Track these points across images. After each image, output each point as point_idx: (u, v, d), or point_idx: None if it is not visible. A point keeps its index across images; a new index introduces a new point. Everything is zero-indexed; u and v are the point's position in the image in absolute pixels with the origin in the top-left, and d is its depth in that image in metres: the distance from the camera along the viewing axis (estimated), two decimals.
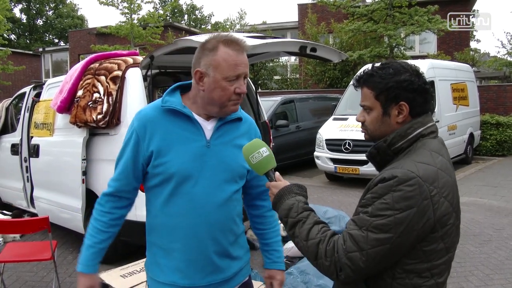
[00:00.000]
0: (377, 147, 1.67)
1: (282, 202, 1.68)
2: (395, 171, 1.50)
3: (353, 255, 1.46)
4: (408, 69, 1.64)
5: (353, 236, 1.49)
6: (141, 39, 20.52)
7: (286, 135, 11.26)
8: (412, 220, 1.45)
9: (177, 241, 1.89)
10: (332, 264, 1.50)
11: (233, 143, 1.96)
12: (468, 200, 8.24)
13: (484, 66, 23.03)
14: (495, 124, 13.65)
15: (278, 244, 2.18)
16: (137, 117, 1.92)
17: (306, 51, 4.55)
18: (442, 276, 1.59)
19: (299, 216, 1.61)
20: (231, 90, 1.82)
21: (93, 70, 5.11)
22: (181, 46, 4.27)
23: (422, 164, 1.52)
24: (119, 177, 1.95)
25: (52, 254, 4.16)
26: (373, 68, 1.68)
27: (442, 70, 11.00)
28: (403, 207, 1.44)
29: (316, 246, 1.53)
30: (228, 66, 1.79)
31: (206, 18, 46.33)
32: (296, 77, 23.48)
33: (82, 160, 4.97)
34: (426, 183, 1.48)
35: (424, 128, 1.63)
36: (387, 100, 1.62)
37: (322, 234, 1.55)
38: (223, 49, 1.80)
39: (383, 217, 1.45)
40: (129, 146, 1.91)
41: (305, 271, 4.15)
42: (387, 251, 1.46)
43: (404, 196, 1.45)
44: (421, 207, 1.46)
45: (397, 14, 15.80)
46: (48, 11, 46.83)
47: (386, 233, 1.45)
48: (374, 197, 1.49)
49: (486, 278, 4.71)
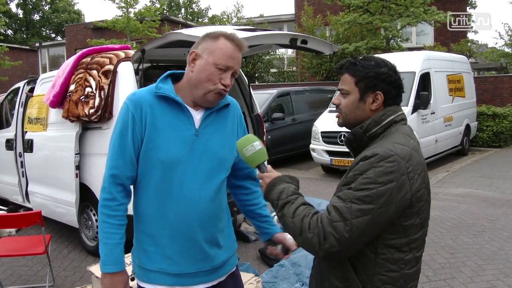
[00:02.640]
0: (353, 133, 1.80)
1: (274, 188, 1.77)
2: (376, 149, 1.63)
3: (337, 224, 1.56)
4: (388, 64, 1.80)
5: (337, 207, 1.59)
6: (138, 33, 20.45)
7: (282, 128, 11.24)
8: (392, 193, 1.57)
9: (166, 228, 1.91)
10: (315, 235, 1.58)
11: (221, 131, 2.01)
12: (463, 191, 8.28)
13: (481, 57, 22.99)
14: (492, 115, 13.65)
15: (268, 213, 2.26)
16: (131, 99, 1.92)
17: (296, 43, 4.54)
18: (419, 250, 1.74)
19: (289, 197, 1.72)
20: (217, 78, 1.87)
21: (85, 65, 5.11)
22: (172, 40, 4.26)
23: (398, 144, 1.67)
24: (122, 163, 1.90)
25: (45, 248, 4.18)
26: (356, 58, 1.82)
27: (438, 62, 10.97)
28: (385, 181, 1.57)
29: (301, 221, 1.63)
30: (223, 55, 1.87)
31: (203, 11, 46.08)
32: (292, 70, 23.44)
33: (75, 154, 4.98)
34: (403, 160, 1.62)
35: (396, 115, 1.79)
36: (365, 87, 1.77)
37: (307, 211, 1.66)
38: (224, 40, 1.89)
39: (366, 190, 1.57)
40: (128, 129, 1.88)
41: (297, 263, 4.17)
42: (369, 221, 1.56)
43: (385, 171, 1.58)
44: (400, 181, 1.59)
45: (393, 5, 15.76)
46: (44, 6, 46.61)
47: (368, 204, 1.56)
48: (357, 174, 1.61)
49: (478, 269, 4.73)
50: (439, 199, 7.71)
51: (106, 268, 1.90)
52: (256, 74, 21.98)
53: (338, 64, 1.86)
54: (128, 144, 1.88)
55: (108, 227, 1.90)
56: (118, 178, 1.90)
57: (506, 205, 7.25)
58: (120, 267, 1.91)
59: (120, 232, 1.92)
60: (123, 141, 1.89)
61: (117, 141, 1.91)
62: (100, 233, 1.92)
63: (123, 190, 1.93)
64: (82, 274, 4.84)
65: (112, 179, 1.90)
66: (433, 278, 4.53)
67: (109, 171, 1.91)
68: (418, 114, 9.72)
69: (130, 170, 1.91)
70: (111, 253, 1.90)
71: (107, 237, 1.90)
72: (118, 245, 1.91)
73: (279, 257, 2.19)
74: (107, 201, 1.91)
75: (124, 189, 1.94)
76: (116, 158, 1.90)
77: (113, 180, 1.90)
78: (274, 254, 2.18)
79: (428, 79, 10.33)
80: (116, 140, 1.91)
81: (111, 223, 1.90)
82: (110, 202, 1.90)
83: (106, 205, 1.91)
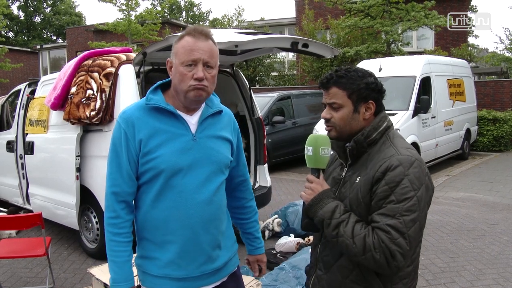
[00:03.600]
0: (356, 140, 1.83)
1: (322, 205, 1.79)
2: (398, 158, 1.71)
3: (399, 241, 1.63)
4: (372, 74, 1.87)
5: (392, 225, 1.64)
6: (139, 36, 20.47)
7: (282, 131, 11.26)
8: (424, 195, 1.69)
9: (171, 233, 1.93)
10: (382, 254, 1.64)
11: (217, 135, 2.03)
12: (463, 195, 8.28)
13: (481, 62, 23.02)
14: (492, 119, 13.66)
15: (258, 232, 2.36)
16: (122, 117, 1.94)
17: (298, 47, 4.56)
18: (417, 247, 1.83)
19: (342, 216, 1.74)
20: (189, 75, 1.86)
21: (86, 67, 5.12)
22: (173, 42, 4.27)
23: (409, 149, 1.78)
24: (121, 181, 1.92)
25: (45, 250, 4.19)
26: (340, 71, 1.85)
27: (438, 66, 10.99)
28: (419, 185, 1.68)
29: (363, 240, 1.67)
30: (184, 52, 1.86)
31: (204, 14, 46.19)
32: (293, 73, 23.46)
33: (76, 156, 4.99)
34: (422, 162, 1.74)
35: (388, 121, 1.88)
36: (358, 99, 1.82)
37: (364, 229, 1.70)
38: (186, 38, 1.89)
39: (409, 199, 1.65)
40: (122, 146, 1.91)
41: (297, 266, 4.17)
42: (417, 227, 1.67)
43: (416, 176, 1.68)
44: (426, 182, 1.72)
45: (394, 9, 15.78)
46: (45, 8, 46.69)
47: (415, 212, 1.66)
48: (392, 186, 1.67)
49: (478, 273, 4.73)
50: (440, 203, 7.71)
51: (117, 286, 1.92)
52: (257, 77, 22.00)
53: (323, 79, 1.87)
54: (124, 162, 1.90)
55: (115, 245, 1.93)
56: (119, 195, 1.92)
57: (506, 210, 7.25)
58: (131, 283, 1.94)
59: (128, 249, 1.95)
60: (119, 159, 1.91)
61: (113, 160, 1.93)
62: (108, 251, 1.94)
63: (127, 207, 1.95)
64: (82, 276, 4.84)
65: (114, 196, 1.92)
66: (433, 282, 4.52)
67: (109, 189, 1.94)
68: (419, 118, 9.73)
69: (130, 186, 1.93)
70: (121, 271, 1.92)
71: (115, 255, 1.93)
72: (127, 262, 1.94)
73: (254, 274, 2.36)
74: (112, 219, 1.93)
75: (128, 206, 1.96)
76: (114, 176, 1.93)
77: (115, 198, 1.92)
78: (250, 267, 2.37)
79: (429, 83, 10.34)
80: (112, 158, 1.94)
81: (118, 241, 1.93)
82: (115, 220, 1.92)
83: (111, 224, 1.93)
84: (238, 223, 2.32)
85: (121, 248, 1.93)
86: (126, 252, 1.94)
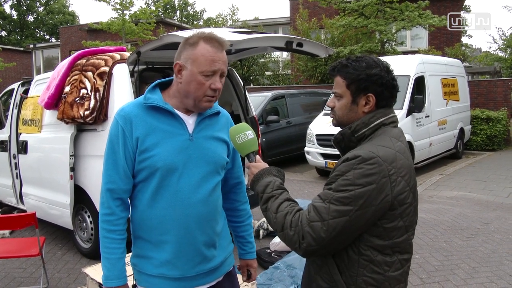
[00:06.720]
0: (342, 133, 1.81)
1: (260, 180, 1.81)
2: (357, 151, 1.65)
3: (315, 224, 1.59)
4: (380, 65, 1.77)
5: (316, 207, 1.62)
6: (133, 35, 20.43)
7: (277, 131, 11.25)
8: (371, 195, 1.58)
9: (167, 233, 1.93)
10: (295, 233, 1.62)
11: (214, 136, 2.04)
12: (457, 194, 8.32)
13: (475, 61, 23.14)
14: (486, 119, 13.73)
15: (251, 236, 2.34)
16: (120, 114, 1.93)
17: (292, 46, 4.56)
18: (404, 253, 1.74)
19: (273, 192, 1.75)
20: (206, 85, 1.87)
21: (80, 66, 5.10)
22: (167, 42, 4.26)
23: (382, 147, 1.67)
24: (117, 177, 1.91)
25: (39, 250, 4.17)
26: (348, 59, 1.80)
27: (432, 65, 11.03)
28: (363, 183, 1.58)
29: (284, 217, 1.66)
30: (205, 61, 1.85)
31: (198, 14, 46.12)
32: (287, 72, 23.48)
33: (70, 156, 4.97)
34: (385, 162, 1.62)
35: (385, 118, 1.77)
36: (357, 90, 1.76)
37: (290, 207, 1.68)
38: (203, 45, 1.86)
39: (345, 191, 1.58)
40: (119, 143, 1.90)
41: (292, 265, 4.18)
42: (346, 222, 1.58)
43: (364, 173, 1.59)
44: (380, 184, 1.59)
45: (388, 9, 15.84)
46: (39, 7, 46.45)
47: (346, 206, 1.57)
48: (338, 175, 1.63)
49: (472, 271, 4.76)
50: (433, 202, 7.75)
51: (109, 282, 1.92)
52: (251, 76, 21.98)
53: (331, 66, 1.86)
54: (120, 159, 1.90)
55: (109, 242, 1.93)
56: (114, 192, 1.92)
57: (499, 208, 7.30)
58: (123, 281, 1.94)
59: (121, 247, 1.95)
60: (115, 156, 1.91)
61: (110, 156, 1.93)
62: (102, 248, 1.94)
63: (122, 204, 1.95)
64: (76, 276, 4.82)
65: (109, 193, 1.92)
66: (427, 281, 4.54)
67: (105, 186, 1.93)
68: (413, 117, 9.76)
69: (126, 184, 1.93)
70: (113, 268, 1.93)
71: (109, 252, 1.93)
72: (120, 259, 1.94)
73: (243, 279, 2.34)
74: (106, 216, 1.93)
75: (123, 203, 1.96)
76: (110, 173, 1.92)
77: (110, 194, 1.92)
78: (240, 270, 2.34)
79: (423, 83, 10.38)
80: (108, 155, 1.93)
81: (112, 238, 1.93)
82: (109, 217, 1.92)
83: (106, 220, 1.93)
84: (231, 226, 2.31)
85: (115, 245, 1.93)
86: (120, 249, 1.94)
